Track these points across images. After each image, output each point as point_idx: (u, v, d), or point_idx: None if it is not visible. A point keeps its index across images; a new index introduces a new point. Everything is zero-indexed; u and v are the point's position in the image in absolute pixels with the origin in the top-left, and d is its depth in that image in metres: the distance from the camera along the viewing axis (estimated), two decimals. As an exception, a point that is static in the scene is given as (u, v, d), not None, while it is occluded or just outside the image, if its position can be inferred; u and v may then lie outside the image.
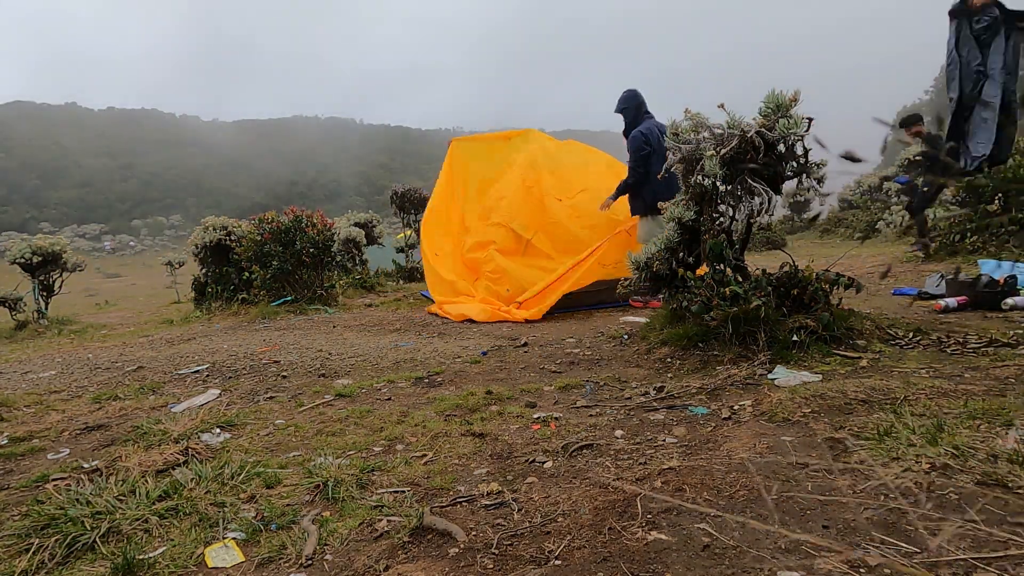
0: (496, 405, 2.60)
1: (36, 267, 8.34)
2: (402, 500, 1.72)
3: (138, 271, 39.94)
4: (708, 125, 3.12)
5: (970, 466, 1.45)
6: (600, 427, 2.21)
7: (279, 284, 7.40)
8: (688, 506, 1.49)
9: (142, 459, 2.12)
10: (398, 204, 12.54)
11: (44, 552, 1.53)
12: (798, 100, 2.93)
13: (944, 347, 2.73)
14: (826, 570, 1.14)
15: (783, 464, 1.65)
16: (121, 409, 3.03)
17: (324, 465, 1.95)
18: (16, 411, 3.16)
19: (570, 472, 1.82)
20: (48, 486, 2.00)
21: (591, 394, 2.68)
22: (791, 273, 2.98)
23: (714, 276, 3.09)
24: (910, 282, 4.99)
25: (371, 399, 2.90)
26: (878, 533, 1.24)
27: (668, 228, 3.46)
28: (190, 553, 1.50)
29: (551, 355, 3.62)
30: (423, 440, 2.22)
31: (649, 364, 3.12)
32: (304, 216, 7.62)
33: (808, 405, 2.09)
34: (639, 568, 1.25)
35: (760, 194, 2.95)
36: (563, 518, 1.51)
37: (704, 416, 2.21)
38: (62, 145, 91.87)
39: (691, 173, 3.22)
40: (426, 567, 1.36)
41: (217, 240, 8.47)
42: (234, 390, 3.31)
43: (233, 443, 2.34)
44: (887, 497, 1.39)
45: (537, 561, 1.33)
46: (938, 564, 1.11)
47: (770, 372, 2.59)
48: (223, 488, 1.87)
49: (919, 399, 1.99)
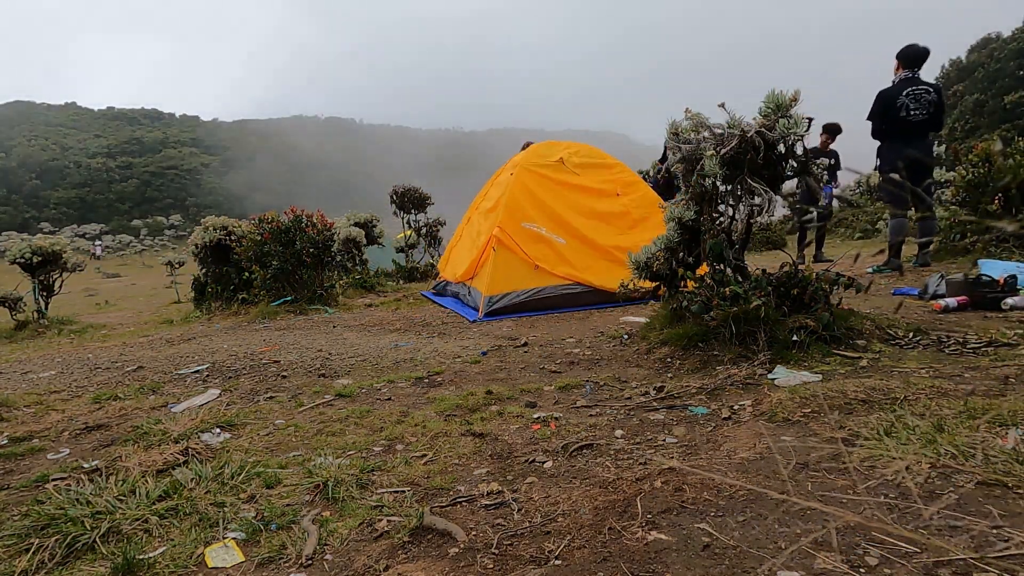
0: (496, 405, 2.60)
1: (36, 267, 8.34)
2: (402, 500, 1.72)
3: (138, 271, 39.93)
4: (708, 125, 3.12)
5: (970, 466, 1.45)
6: (600, 427, 2.21)
7: (279, 284, 7.39)
8: (688, 506, 1.49)
9: (142, 459, 2.12)
10: (398, 204, 12.53)
11: (44, 552, 1.53)
12: (798, 100, 2.93)
13: (944, 347, 2.73)
14: (826, 570, 1.14)
15: (782, 464, 1.65)
16: (121, 409, 3.03)
17: (324, 465, 1.95)
18: (16, 411, 3.16)
19: (570, 472, 1.82)
20: (48, 486, 2.00)
21: (591, 394, 2.68)
22: (791, 273, 2.98)
23: (714, 276, 3.09)
24: (910, 282, 4.99)
25: (371, 399, 2.90)
26: (878, 533, 1.24)
27: (668, 228, 3.46)
28: (190, 553, 1.50)
29: (551, 355, 3.62)
30: (423, 440, 2.22)
31: (649, 364, 3.12)
32: (304, 216, 7.62)
33: (808, 405, 2.09)
34: (639, 568, 1.25)
35: (760, 194, 2.95)
36: (563, 518, 1.51)
37: (704, 416, 2.21)
38: (62, 145, 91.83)
39: (691, 173, 3.22)
40: (426, 567, 1.36)
41: (217, 240, 8.47)
42: (234, 390, 3.31)
43: (233, 443, 2.34)
44: (887, 497, 1.39)
45: (537, 561, 1.33)
46: (938, 564, 1.11)
47: (770, 372, 2.59)
48: (223, 488, 1.86)
49: (919, 399, 1.99)
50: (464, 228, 7.18)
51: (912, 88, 5.44)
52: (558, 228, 5.90)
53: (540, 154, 6.56)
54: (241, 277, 8.00)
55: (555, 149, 6.64)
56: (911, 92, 5.43)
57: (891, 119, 5.51)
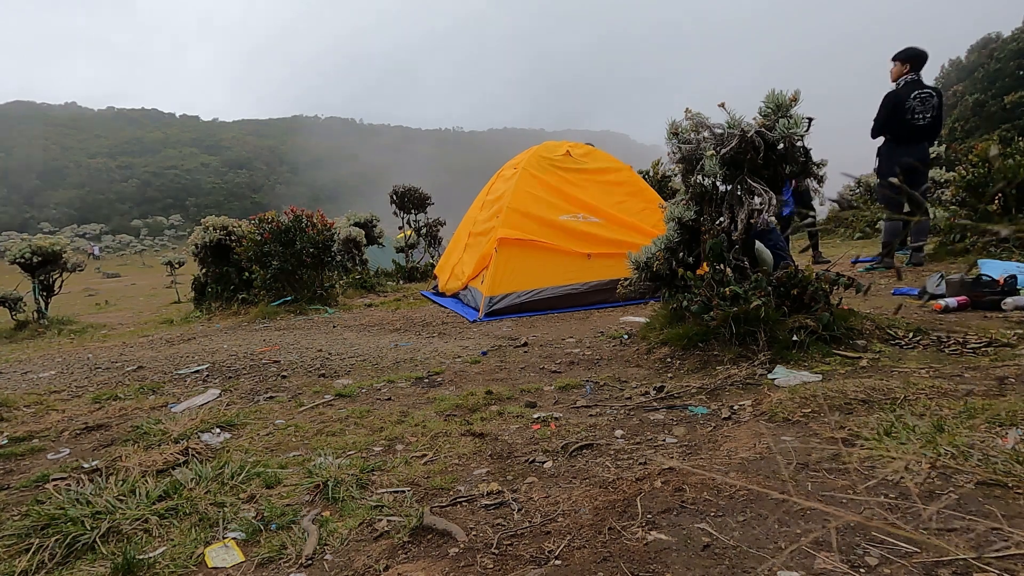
0: (496, 405, 2.60)
1: (36, 267, 8.34)
2: (402, 500, 1.72)
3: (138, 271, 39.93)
4: (708, 125, 3.12)
5: (970, 466, 1.45)
6: (600, 427, 2.21)
7: (279, 284, 7.39)
8: (688, 506, 1.49)
9: (142, 459, 2.12)
10: (398, 203, 12.53)
11: (44, 552, 1.53)
12: (798, 100, 2.93)
13: (944, 347, 2.73)
14: (826, 570, 1.14)
15: (783, 464, 1.65)
16: (121, 409, 3.03)
17: (324, 465, 1.95)
18: (16, 411, 3.16)
19: (570, 472, 1.82)
20: (48, 486, 2.00)
21: (591, 394, 2.68)
22: (791, 273, 2.98)
23: (714, 276, 3.09)
24: (910, 282, 4.99)
25: (371, 399, 2.90)
26: (878, 533, 1.24)
27: (668, 228, 3.46)
28: (190, 553, 1.50)
29: (551, 355, 3.62)
30: (423, 440, 2.22)
31: (649, 364, 3.12)
32: (304, 216, 7.62)
33: (808, 405, 2.09)
34: (639, 568, 1.25)
35: (760, 194, 2.95)
36: (563, 518, 1.51)
37: (704, 416, 2.21)
38: (62, 145, 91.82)
39: (691, 173, 3.22)
40: (426, 567, 1.36)
41: (217, 240, 8.47)
42: (234, 390, 3.31)
43: (233, 443, 2.34)
44: (887, 497, 1.39)
45: (537, 561, 1.33)
46: (938, 564, 1.11)
47: (770, 372, 2.59)
48: (223, 488, 1.86)
49: (919, 399, 1.99)
50: (463, 235, 7.12)
51: (919, 91, 5.41)
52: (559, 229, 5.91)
53: (545, 155, 6.55)
54: (241, 277, 8.00)
55: (560, 150, 6.67)
56: (918, 95, 5.41)
57: (897, 121, 5.48)
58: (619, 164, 6.79)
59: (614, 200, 6.27)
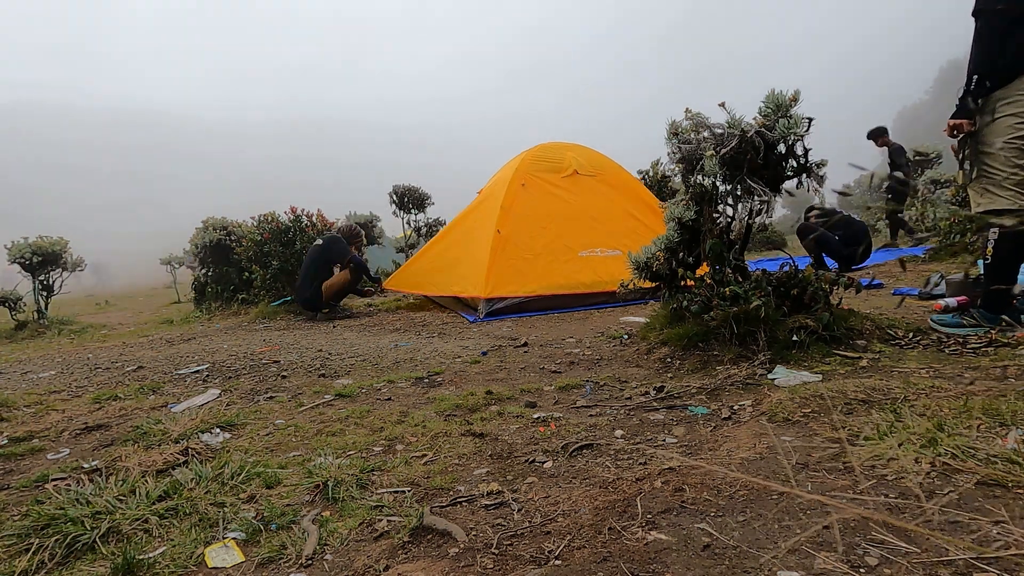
0: (496, 405, 2.60)
1: (36, 267, 8.34)
2: (402, 500, 1.71)
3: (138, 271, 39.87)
4: (708, 125, 3.12)
5: (970, 466, 1.45)
6: (600, 427, 2.21)
7: (279, 284, 7.39)
8: (688, 506, 1.49)
9: (142, 459, 2.12)
10: (398, 203, 12.53)
11: (44, 552, 1.53)
12: (798, 100, 2.93)
13: (944, 347, 2.73)
14: (826, 570, 1.14)
15: (783, 464, 1.65)
16: (121, 409, 3.03)
17: (324, 465, 1.95)
18: (16, 411, 3.16)
19: (570, 472, 1.82)
20: (48, 486, 2.00)
21: (591, 394, 2.68)
22: (791, 273, 2.98)
23: (714, 276, 3.09)
24: (910, 282, 4.99)
25: (371, 399, 2.90)
26: (878, 533, 1.24)
27: (668, 228, 3.46)
28: (190, 553, 1.50)
29: (551, 355, 3.62)
30: (423, 440, 2.22)
31: (649, 364, 3.12)
32: (304, 216, 7.62)
33: (808, 405, 2.09)
34: (639, 568, 1.25)
35: (760, 194, 2.95)
36: (563, 518, 1.51)
37: (704, 416, 2.21)
38: (62, 145, 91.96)
39: (691, 173, 3.22)
40: (426, 567, 1.36)
41: (217, 240, 8.47)
42: (234, 390, 3.31)
43: (233, 443, 2.34)
44: (887, 496, 1.39)
45: (537, 561, 1.33)
46: (938, 564, 1.11)
47: (770, 372, 2.59)
48: (223, 488, 1.86)
49: (919, 399, 1.99)
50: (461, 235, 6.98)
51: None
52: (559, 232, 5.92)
53: (544, 157, 6.54)
54: (241, 277, 8.00)
55: (560, 151, 6.66)
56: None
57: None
58: (615, 165, 6.82)
59: (610, 200, 6.29)
